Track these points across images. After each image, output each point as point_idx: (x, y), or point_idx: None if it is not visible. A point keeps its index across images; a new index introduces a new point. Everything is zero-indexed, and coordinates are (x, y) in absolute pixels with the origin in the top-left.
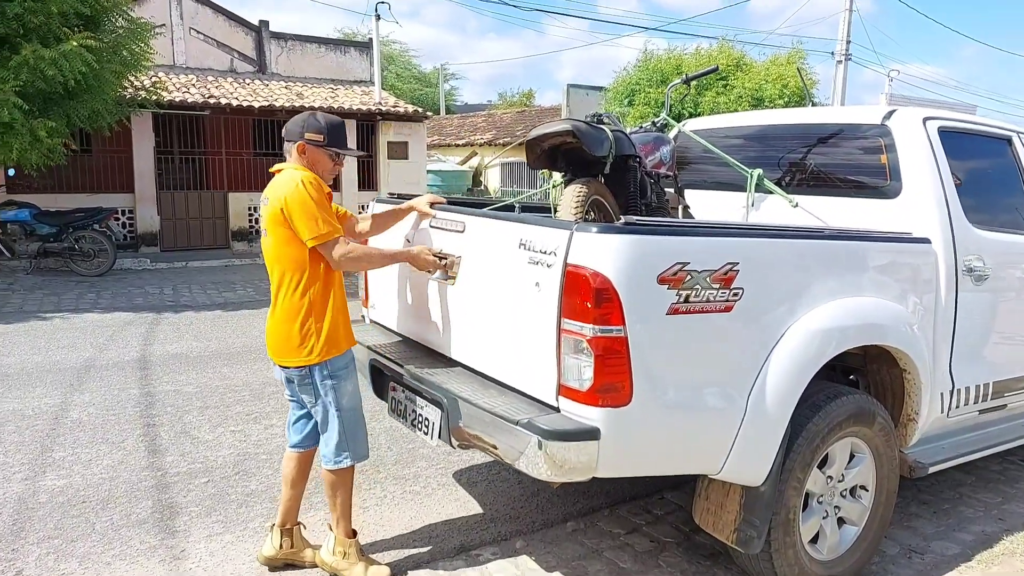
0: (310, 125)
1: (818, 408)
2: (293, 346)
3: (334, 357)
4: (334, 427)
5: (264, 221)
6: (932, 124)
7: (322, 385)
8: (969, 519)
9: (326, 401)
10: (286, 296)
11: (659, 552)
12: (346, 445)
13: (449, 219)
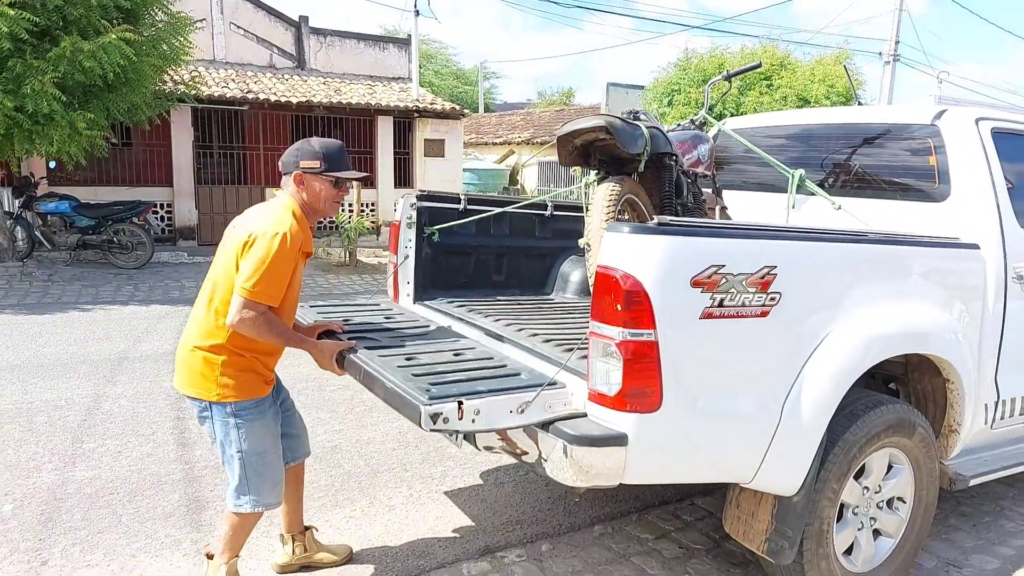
0: (304, 153)
1: (856, 417)
2: (205, 377)
3: (242, 400)
4: (235, 469)
5: (229, 244)
6: (985, 125)
7: (223, 424)
8: (1010, 533)
9: (226, 442)
10: (215, 326)
11: (687, 559)
12: (249, 489)
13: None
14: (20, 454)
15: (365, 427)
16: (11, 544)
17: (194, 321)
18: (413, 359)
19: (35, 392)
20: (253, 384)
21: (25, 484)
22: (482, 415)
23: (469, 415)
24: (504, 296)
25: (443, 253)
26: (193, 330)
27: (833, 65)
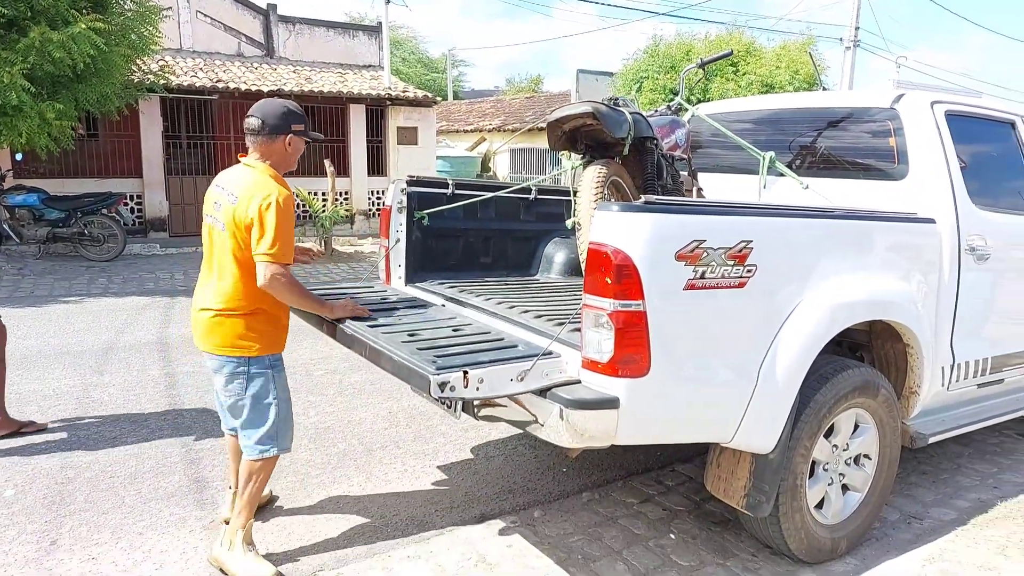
0: (295, 116)
1: (825, 380)
2: (234, 336)
3: (276, 352)
4: (268, 416)
5: (224, 216)
6: (939, 108)
7: (262, 376)
8: (966, 488)
9: (262, 391)
10: (235, 291)
11: (671, 519)
12: (275, 434)
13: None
14: (15, 441)
15: (355, 408)
16: (18, 527)
17: (208, 288)
18: (415, 335)
19: (22, 383)
20: (279, 337)
21: (26, 470)
22: (485, 383)
23: (474, 383)
24: (492, 277)
25: (433, 236)
26: (212, 297)
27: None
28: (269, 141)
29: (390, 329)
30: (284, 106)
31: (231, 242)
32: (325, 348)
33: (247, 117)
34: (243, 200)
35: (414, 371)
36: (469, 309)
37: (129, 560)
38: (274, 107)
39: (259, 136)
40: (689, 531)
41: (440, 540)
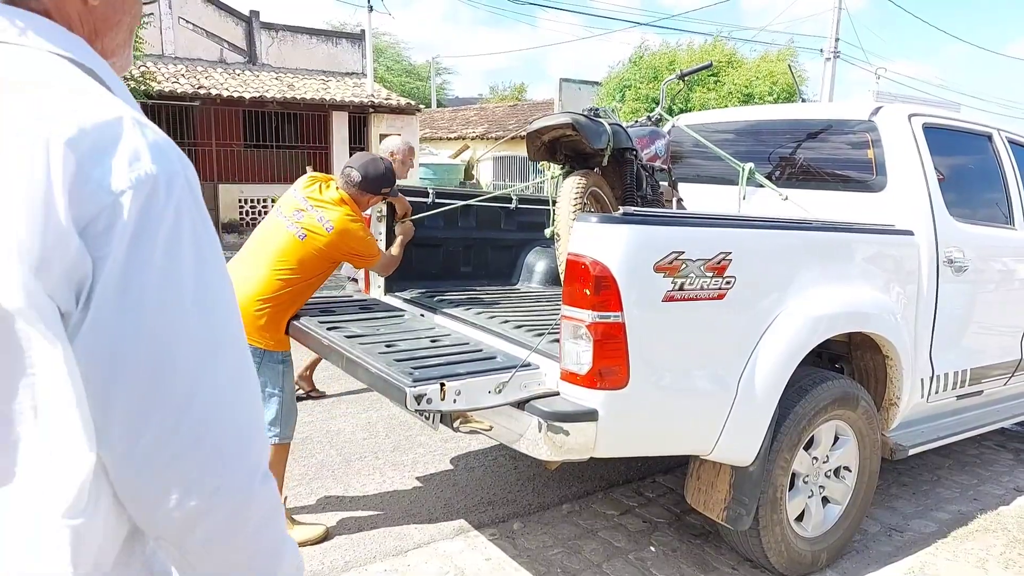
0: (388, 181)
1: (805, 392)
2: (255, 327)
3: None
4: (273, 406)
5: (308, 225)
6: (917, 120)
7: (272, 369)
8: (946, 499)
9: (270, 382)
10: (273, 286)
11: (651, 532)
12: (276, 422)
13: None
14: None
15: (334, 418)
16: None
17: (249, 280)
18: (393, 346)
19: None
20: (285, 338)
21: None
22: (463, 395)
23: (451, 396)
24: (473, 286)
25: (413, 245)
26: (253, 288)
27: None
28: (359, 195)
29: (368, 340)
30: (385, 169)
31: (305, 251)
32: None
33: (348, 168)
34: (336, 234)
35: (391, 383)
36: (448, 319)
37: None
38: (376, 169)
39: (353, 188)
40: (669, 544)
41: (418, 553)
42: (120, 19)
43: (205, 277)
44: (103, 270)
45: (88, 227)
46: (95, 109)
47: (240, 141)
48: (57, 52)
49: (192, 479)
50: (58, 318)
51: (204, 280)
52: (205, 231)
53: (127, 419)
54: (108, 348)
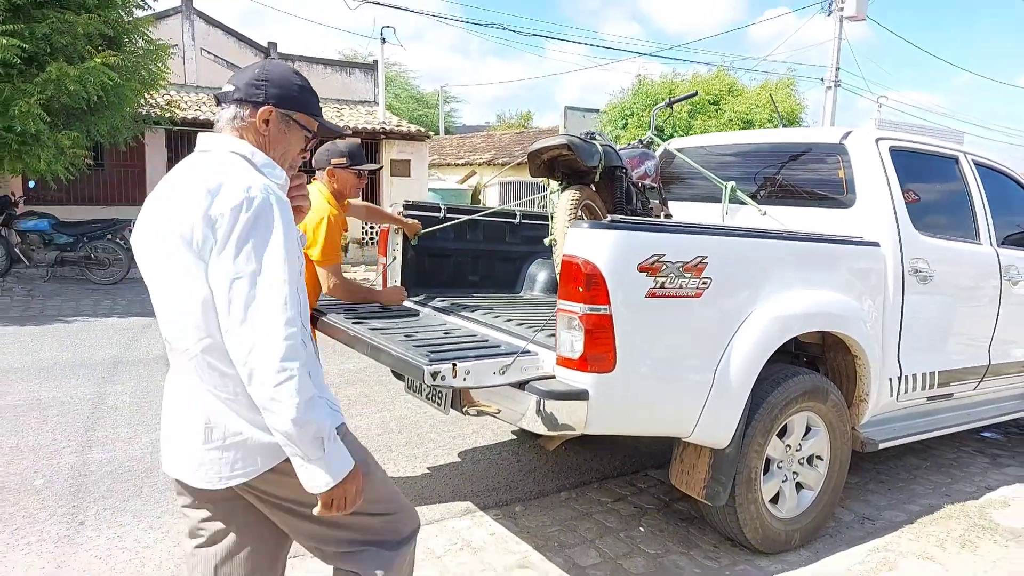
0: (333, 152)
1: (777, 384)
2: None
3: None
4: None
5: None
6: (884, 144)
7: None
8: (919, 494)
9: None
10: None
11: (641, 515)
12: None
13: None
14: (40, 440)
15: (351, 418)
16: (49, 510)
17: None
18: (411, 336)
19: (41, 391)
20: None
21: (50, 464)
22: (471, 375)
23: (461, 374)
24: (479, 293)
25: (426, 255)
26: None
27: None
28: (320, 172)
29: (388, 331)
30: (329, 145)
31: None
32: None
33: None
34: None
35: (410, 363)
36: (458, 318)
37: (150, 538)
38: (324, 146)
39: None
40: (657, 525)
41: (429, 528)
42: (277, 147)
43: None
44: (218, 242)
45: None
46: (232, 174)
47: None
48: (233, 151)
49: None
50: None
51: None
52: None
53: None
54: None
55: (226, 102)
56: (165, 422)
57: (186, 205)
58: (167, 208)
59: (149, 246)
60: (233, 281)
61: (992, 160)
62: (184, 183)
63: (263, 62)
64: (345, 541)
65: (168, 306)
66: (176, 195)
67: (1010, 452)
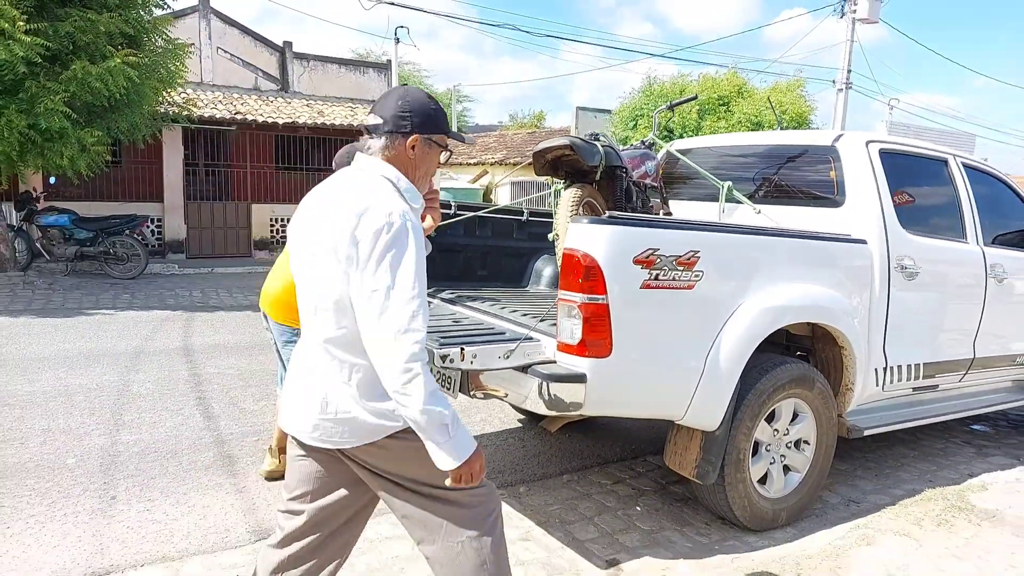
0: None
1: (765, 372)
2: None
3: None
4: None
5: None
6: (873, 146)
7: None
8: (904, 480)
9: None
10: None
11: (638, 496)
12: None
13: None
14: (70, 423)
15: None
16: (82, 486)
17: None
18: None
19: (68, 378)
20: None
21: (80, 445)
22: (478, 358)
23: (468, 358)
24: (487, 287)
25: (437, 250)
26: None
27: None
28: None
29: None
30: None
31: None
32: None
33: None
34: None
35: None
36: (466, 309)
37: (178, 511)
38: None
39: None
40: (653, 505)
41: None
42: (421, 167)
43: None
44: (360, 259)
45: (360, 240)
46: (378, 198)
47: (272, 164)
48: (381, 175)
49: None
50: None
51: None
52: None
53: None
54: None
55: (376, 134)
56: (291, 387)
57: (336, 222)
58: (321, 220)
59: (302, 245)
60: (372, 293)
61: (982, 163)
62: (336, 200)
63: (401, 92)
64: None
65: (310, 297)
66: (329, 210)
67: (996, 443)
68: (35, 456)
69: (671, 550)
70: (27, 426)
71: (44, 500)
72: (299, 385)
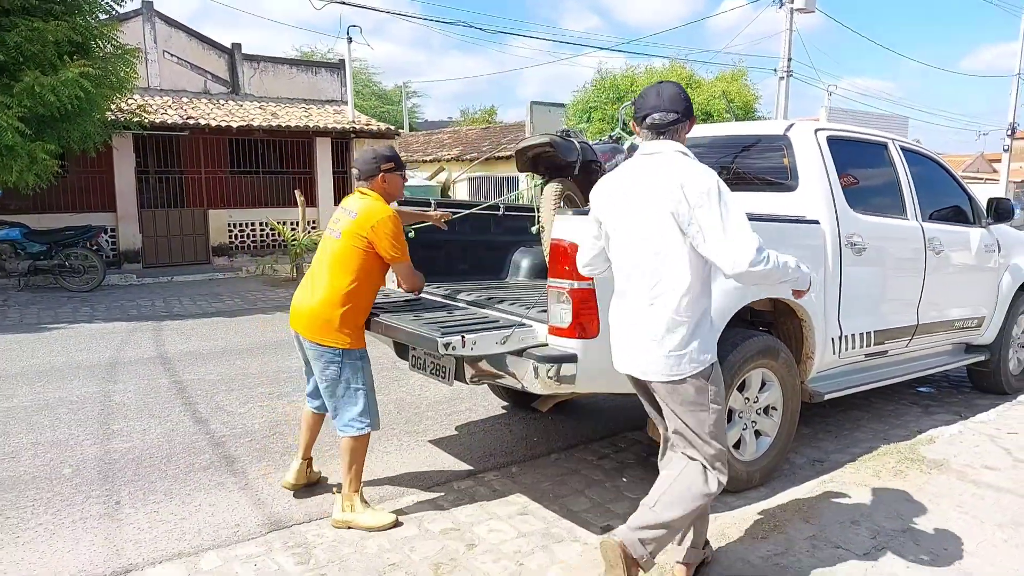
0: (380, 159)
1: (735, 345)
2: (332, 329)
3: (363, 348)
4: (360, 399)
5: (343, 227)
6: (822, 134)
7: (350, 364)
8: (861, 440)
9: (354, 377)
10: (334, 288)
11: (623, 469)
12: (368, 412)
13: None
14: (57, 435)
15: None
16: (84, 493)
17: (320, 287)
18: (419, 317)
19: (46, 392)
20: (362, 336)
21: (74, 455)
22: (478, 344)
23: (469, 344)
24: (470, 280)
25: (420, 247)
26: (324, 294)
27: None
28: (372, 185)
29: (398, 315)
30: (370, 152)
31: (345, 247)
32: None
33: (351, 168)
34: (363, 217)
35: (425, 337)
36: (456, 302)
37: (185, 511)
38: (364, 157)
39: (363, 183)
40: (638, 476)
41: (437, 489)
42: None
43: (729, 203)
44: (700, 208)
45: (692, 199)
46: (691, 168)
47: (226, 168)
48: (678, 151)
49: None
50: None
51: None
52: (729, 196)
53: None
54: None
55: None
56: (626, 335)
57: (667, 191)
58: (649, 192)
59: (630, 215)
60: (719, 220)
61: (917, 145)
62: (655, 176)
63: (673, 90)
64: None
65: (641, 255)
66: (653, 184)
67: (939, 402)
68: (29, 469)
69: None
70: (14, 441)
71: (48, 509)
72: (636, 332)
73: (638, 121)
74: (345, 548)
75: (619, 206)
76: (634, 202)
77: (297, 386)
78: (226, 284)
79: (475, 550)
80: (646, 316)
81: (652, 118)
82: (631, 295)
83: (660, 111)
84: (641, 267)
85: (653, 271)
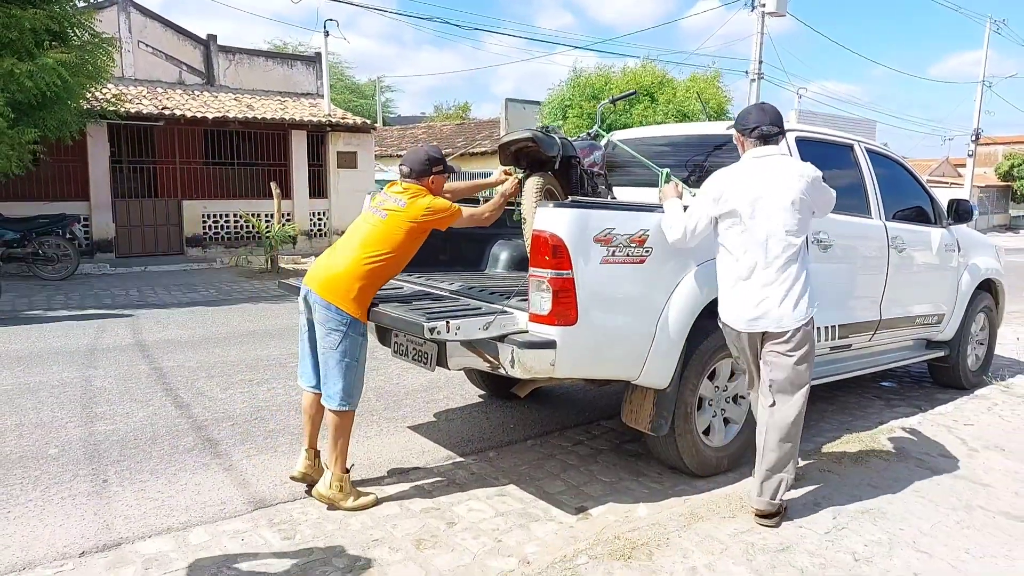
0: (433, 162)
1: (707, 335)
2: (349, 297)
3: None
4: (348, 374)
5: (390, 207)
6: (791, 134)
7: (352, 337)
8: (825, 430)
9: (350, 350)
10: (362, 260)
11: (597, 454)
12: (352, 392)
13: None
14: (42, 417)
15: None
16: (71, 472)
17: (346, 258)
18: (404, 303)
19: (26, 376)
20: (366, 314)
21: (59, 436)
22: (461, 330)
23: (453, 330)
24: (450, 272)
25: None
26: (349, 264)
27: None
28: (419, 182)
29: (385, 303)
30: (425, 153)
31: (388, 227)
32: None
33: (400, 166)
34: (408, 205)
35: (411, 322)
36: (439, 291)
37: (172, 489)
38: (417, 156)
39: (411, 180)
40: (611, 461)
41: (417, 472)
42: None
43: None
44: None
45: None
46: (799, 165)
47: (201, 159)
48: (782, 154)
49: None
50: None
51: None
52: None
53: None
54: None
55: (771, 134)
56: (757, 299)
57: (791, 183)
58: (775, 183)
59: (762, 200)
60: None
61: (882, 147)
62: (776, 172)
63: (774, 110)
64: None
65: (768, 233)
66: (776, 177)
67: (901, 396)
68: (15, 449)
69: (631, 496)
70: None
71: (37, 487)
72: (765, 295)
73: (746, 132)
74: (330, 525)
75: (747, 194)
76: (761, 190)
77: (277, 374)
78: (200, 275)
79: (455, 527)
80: (778, 277)
81: (761, 130)
82: (761, 262)
83: (767, 125)
84: (777, 235)
85: (785, 242)
